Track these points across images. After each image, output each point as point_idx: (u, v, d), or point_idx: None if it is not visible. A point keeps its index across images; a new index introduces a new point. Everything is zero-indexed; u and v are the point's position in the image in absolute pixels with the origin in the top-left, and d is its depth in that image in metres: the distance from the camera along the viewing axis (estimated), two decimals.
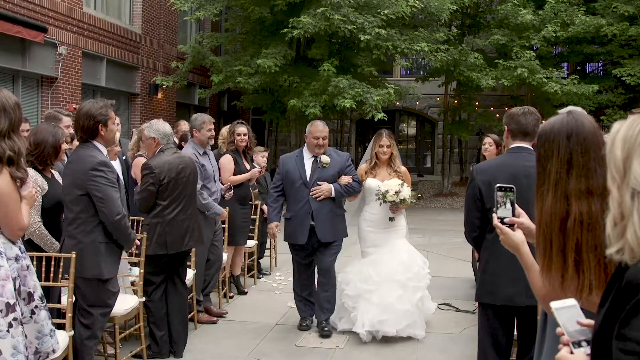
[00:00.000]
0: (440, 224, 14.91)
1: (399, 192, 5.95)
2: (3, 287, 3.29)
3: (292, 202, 6.21)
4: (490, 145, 7.17)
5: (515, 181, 3.55)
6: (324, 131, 6.22)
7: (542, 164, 2.16)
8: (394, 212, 6.15)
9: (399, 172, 6.29)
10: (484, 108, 20.88)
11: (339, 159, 6.30)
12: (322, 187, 6.07)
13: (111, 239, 4.43)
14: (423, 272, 6.26)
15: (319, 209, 6.07)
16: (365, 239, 6.32)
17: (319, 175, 6.13)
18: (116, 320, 4.85)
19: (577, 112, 2.21)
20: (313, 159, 6.23)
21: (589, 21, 16.54)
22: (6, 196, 3.33)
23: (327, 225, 6.09)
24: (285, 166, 6.28)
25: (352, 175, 6.24)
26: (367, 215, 6.32)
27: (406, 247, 6.31)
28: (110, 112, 4.44)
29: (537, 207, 2.14)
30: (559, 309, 1.71)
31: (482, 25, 19.67)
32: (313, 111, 14.41)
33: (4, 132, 3.34)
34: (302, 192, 6.12)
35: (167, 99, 18.38)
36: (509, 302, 4.03)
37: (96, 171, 4.28)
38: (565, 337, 1.67)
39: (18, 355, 3.30)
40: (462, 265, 9.32)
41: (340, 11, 14.18)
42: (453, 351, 5.79)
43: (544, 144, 2.17)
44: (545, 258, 2.08)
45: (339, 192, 6.14)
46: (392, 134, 6.55)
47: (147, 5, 17.21)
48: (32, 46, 12.58)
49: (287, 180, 6.22)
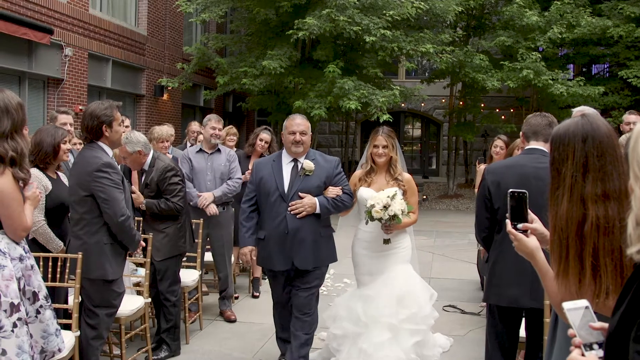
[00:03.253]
0: (445, 225, 14.89)
1: (388, 206, 4.73)
2: (7, 287, 3.30)
3: (266, 218, 4.94)
4: (502, 148, 7.10)
5: (525, 183, 3.63)
6: (301, 124, 4.94)
7: (556, 168, 2.14)
8: (388, 231, 4.93)
9: (400, 180, 5.08)
10: (489, 110, 20.86)
11: (325, 165, 5.01)
12: (303, 201, 4.80)
13: (116, 240, 4.43)
14: (425, 311, 5.06)
15: (299, 229, 4.80)
16: (359, 264, 5.23)
17: (300, 186, 4.87)
18: (122, 321, 4.86)
19: (591, 114, 2.19)
20: (293, 163, 4.97)
21: (595, 23, 16.50)
22: (8, 197, 3.33)
23: (306, 250, 4.83)
24: (259, 173, 5.03)
25: (342, 186, 5.00)
26: (361, 234, 5.22)
27: (406, 277, 5.12)
28: (115, 113, 4.44)
29: (552, 211, 2.11)
30: (571, 310, 1.69)
31: (488, 26, 19.66)
32: (318, 112, 14.42)
33: (7, 133, 3.35)
34: (278, 206, 4.86)
35: (173, 100, 18.40)
36: (513, 303, 4.02)
37: (100, 172, 4.28)
38: (577, 339, 1.65)
39: (23, 354, 3.31)
40: (467, 267, 9.31)
41: (346, 12, 14.19)
42: (458, 353, 5.77)
43: (559, 147, 2.15)
44: (561, 263, 2.05)
45: (325, 207, 4.86)
46: (393, 132, 5.30)
47: (152, 7, 17.24)
48: (39, 48, 12.62)
49: (261, 190, 4.96)
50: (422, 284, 5.22)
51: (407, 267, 5.17)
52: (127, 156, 5.57)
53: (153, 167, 5.61)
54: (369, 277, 5.14)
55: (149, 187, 5.58)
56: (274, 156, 5.16)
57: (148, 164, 5.62)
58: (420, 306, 5.02)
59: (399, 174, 5.11)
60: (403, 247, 5.15)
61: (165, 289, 5.57)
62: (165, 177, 5.54)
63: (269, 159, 5.19)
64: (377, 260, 5.11)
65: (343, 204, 4.97)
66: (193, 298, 6.37)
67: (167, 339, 5.60)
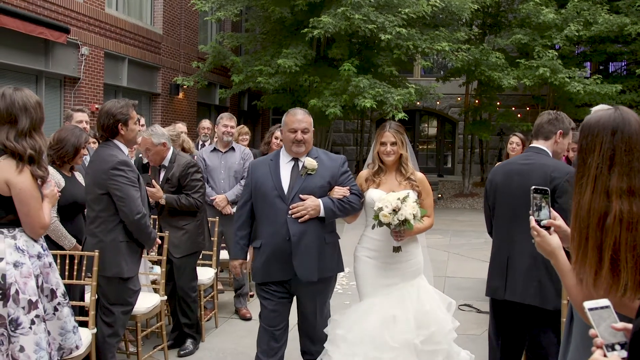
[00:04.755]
0: (460, 224, 14.84)
1: (398, 209, 4.09)
2: (25, 284, 3.33)
3: (263, 223, 4.35)
4: (518, 144, 7.14)
5: (508, 179, 4.05)
6: (303, 121, 4.35)
7: (582, 157, 2.11)
8: (398, 239, 4.25)
9: (412, 179, 4.48)
10: (505, 108, 20.75)
11: (330, 164, 4.43)
12: (306, 202, 4.22)
13: (132, 237, 4.44)
14: (445, 327, 4.43)
15: (302, 234, 4.19)
16: (363, 275, 4.50)
17: (302, 186, 4.28)
18: (138, 319, 4.88)
19: (624, 109, 2.17)
20: (293, 162, 4.39)
21: (612, 20, 16.36)
22: (27, 194, 3.36)
23: (310, 258, 4.22)
24: (256, 173, 4.44)
25: (349, 186, 4.41)
26: (366, 242, 4.53)
27: (423, 294, 4.45)
28: (131, 112, 4.45)
29: (575, 199, 2.09)
30: (592, 310, 1.67)
31: (504, 24, 19.55)
32: (333, 111, 14.42)
33: (25, 131, 3.38)
34: (277, 209, 4.25)
35: (188, 99, 18.47)
36: (492, 294, 4.18)
37: (116, 170, 4.28)
38: (599, 339, 1.63)
39: (41, 351, 3.34)
40: (482, 266, 9.21)
41: (361, 11, 14.17)
42: (474, 352, 5.72)
43: (587, 137, 2.12)
44: (579, 251, 2.03)
45: (331, 210, 4.26)
46: (402, 127, 4.62)
47: (168, 5, 17.31)
48: (55, 47, 12.71)
49: (258, 192, 4.37)
50: (438, 295, 4.57)
51: (422, 282, 4.51)
52: (151, 148, 5.57)
53: (174, 163, 5.64)
54: (375, 291, 4.41)
55: (170, 182, 5.61)
56: (272, 155, 4.55)
57: (168, 159, 5.65)
58: (440, 324, 4.39)
59: (412, 173, 4.50)
60: (415, 259, 4.49)
61: (185, 286, 5.63)
62: (188, 173, 5.58)
63: (266, 158, 4.57)
64: (384, 271, 4.41)
65: (351, 205, 4.34)
66: (209, 296, 6.39)
67: (191, 333, 5.71)
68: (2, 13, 10.84)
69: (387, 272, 4.40)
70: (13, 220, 3.41)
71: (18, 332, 3.29)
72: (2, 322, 3.30)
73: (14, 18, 11.15)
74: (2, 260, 3.33)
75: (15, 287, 3.31)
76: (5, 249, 3.35)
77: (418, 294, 4.40)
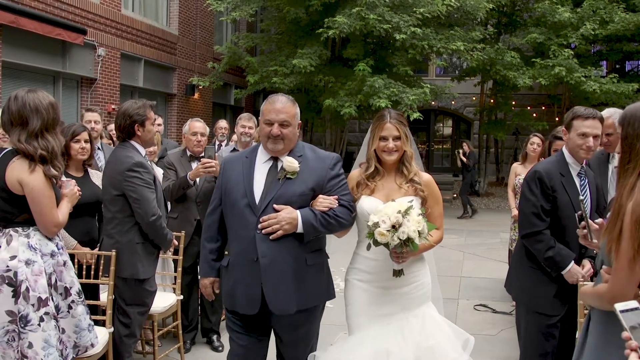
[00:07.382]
0: (476, 224, 14.78)
1: (399, 225, 3.13)
2: (36, 282, 3.37)
3: (232, 237, 3.46)
4: (538, 145, 7.17)
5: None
6: (282, 112, 3.36)
7: (629, 143, 2.13)
8: (399, 261, 3.30)
9: (416, 182, 3.51)
10: (520, 107, 20.67)
11: (316, 165, 3.43)
12: (279, 215, 3.25)
13: (148, 239, 4.43)
14: None
15: (274, 255, 3.26)
16: (354, 302, 3.55)
17: (278, 193, 3.31)
18: (154, 318, 4.90)
19: None
20: (271, 162, 3.44)
21: (629, 18, 16.25)
22: (39, 193, 3.40)
23: (286, 286, 3.28)
24: (226, 173, 3.52)
25: (338, 196, 3.40)
26: (359, 262, 3.58)
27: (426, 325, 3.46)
28: (149, 112, 4.45)
29: (620, 184, 2.12)
30: (624, 312, 1.65)
31: (519, 23, 19.47)
32: (348, 111, 14.43)
33: (37, 132, 3.42)
34: (245, 221, 3.32)
35: (204, 99, 18.55)
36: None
37: (132, 172, 4.28)
38: (633, 342, 1.61)
39: (49, 348, 3.37)
40: (498, 266, 9.23)
41: (376, 11, 14.17)
42: (489, 352, 5.74)
43: (633, 124, 2.13)
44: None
45: (311, 225, 3.28)
46: (403, 116, 3.67)
47: (183, 6, 17.40)
48: (72, 48, 12.82)
49: (227, 199, 3.45)
50: (451, 329, 3.52)
51: (428, 310, 3.54)
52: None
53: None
54: (369, 323, 3.46)
55: None
56: (248, 151, 3.58)
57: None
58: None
59: (415, 174, 3.54)
60: (421, 281, 3.54)
61: None
62: None
63: (241, 154, 3.60)
64: (382, 298, 3.48)
65: (338, 220, 3.35)
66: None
67: (217, 330, 5.86)
68: (20, 15, 10.96)
69: (384, 299, 3.48)
70: (27, 219, 3.45)
71: (27, 328, 3.32)
72: (14, 318, 3.34)
73: (32, 20, 11.27)
74: (15, 258, 3.37)
75: (25, 284, 3.34)
76: (19, 247, 3.39)
77: (422, 325, 3.45)
